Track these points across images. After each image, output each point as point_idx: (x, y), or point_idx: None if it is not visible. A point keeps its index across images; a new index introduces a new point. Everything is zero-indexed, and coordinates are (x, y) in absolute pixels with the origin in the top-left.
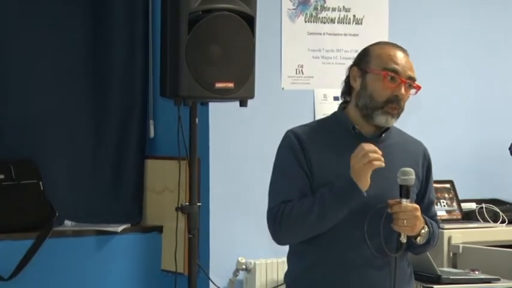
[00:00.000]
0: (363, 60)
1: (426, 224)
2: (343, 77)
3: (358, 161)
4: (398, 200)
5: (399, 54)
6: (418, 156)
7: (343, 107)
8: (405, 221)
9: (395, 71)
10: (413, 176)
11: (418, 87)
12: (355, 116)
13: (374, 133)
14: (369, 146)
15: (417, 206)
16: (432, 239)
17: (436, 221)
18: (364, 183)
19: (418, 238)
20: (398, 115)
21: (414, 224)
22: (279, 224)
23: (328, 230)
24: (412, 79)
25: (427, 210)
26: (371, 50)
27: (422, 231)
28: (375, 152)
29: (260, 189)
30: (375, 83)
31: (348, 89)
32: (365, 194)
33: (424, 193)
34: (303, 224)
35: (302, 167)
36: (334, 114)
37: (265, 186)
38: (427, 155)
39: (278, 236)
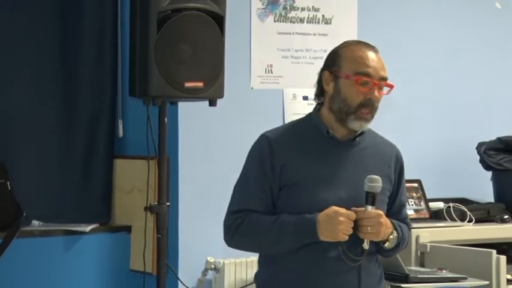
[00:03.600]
0: (334, 64)
1: (395, 229)
2: (313, 77)
3: (332, 225)
4: (363, 207)
5: (370, 55)
6: (391, 159)
7: (317, 109)
8: (369, 227)
9: (367, 75)
10: (380, 184)
11: (391, 86)
12: (329, 118)
13: (348, 136)
14: (350, 216)
15: (381, 212)
16: (402, 242)
17: (407, 223)
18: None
19: (387, 243)
20: (372, 117)
21: (378, 230)
22: (234, 232)
23: None
24: (384, 79)
25: (398, 213)
26: (341, 53)
27: (391, 236)
28: (349, 222)
29: (229, 189)
30: (348, 88)
31: (321, 92)
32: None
33: (395, 196)
34: (256, 243)
35: (267, 178)
36: (309, 116)
37: None
38: (400, 157)
39: (229, 242)
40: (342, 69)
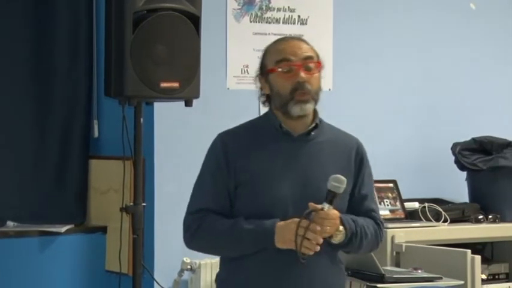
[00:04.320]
0: (262, 66)
1: (343, 223)
2: None
3: (291, 234)
4: (321, 206)
5: (289, 43)
6: (351, 151)
7: (272, 108)
8: (328, 227)
9: (286, 60)
10: (345, 186)
11: (318, 64)
12: (280, 117)
13: (302, 131)
14: (314, 227)
15: (338, 213)
16: (356, 237)
17: (372, 216)
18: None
19: (333, 238)
20: (314, 100)
21: (332, 231)
22: (192, 235)
23: None
24: (310, 58)
25: (360, 205)
26: (264, 53)
27: (337, 232)
28: (315, 236)
29: None
30: (276, 80)
31: (265, 97)
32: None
33: (355, 188)
34: (215, 247)
35: (223, 177)
36: (265, 114)
37: None
38: (361, 149)
39: (189, 245)
40: (267, 67)
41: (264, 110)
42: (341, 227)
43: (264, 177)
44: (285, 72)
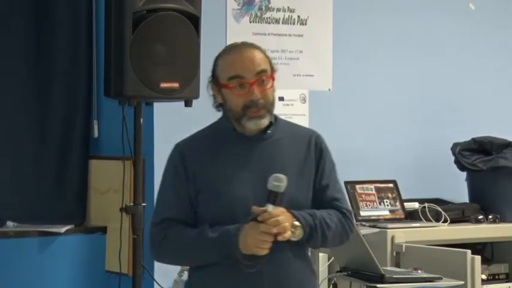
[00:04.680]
0: (214, 75)
1: (298, 219)
2: (288, 78)
3: (254, 239)
4: (264, 208)
5: (241, 55)
6: (309, 143)
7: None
8: (275, 227)
9: (239, 77)
10: (285, 183)
11: (272, 78)
12: (234, 121)
13: (257, 131)
14: (269, 230)
15: (283, 210)
16: (317, 230)
17: (336, 206)
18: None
19: (291, 236)
20: (269, 112)
21: (284, 229)
22: (158, 248)
23: None
24: (263, 72)
25: (322, 195)
26: (217, 64)
27: (293, 229)
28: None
29: None
30: (229, 96)
31: (218, 104)
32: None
33: (315, 178)
34: (182, 259)
35: (183, 186)
36: (221, 118)
37: None
38: (319, 140)
39: (156, 257)
40: (219, 79)
41: None
42: (296, 223)
43: (223, 180)
44: (237, 88)
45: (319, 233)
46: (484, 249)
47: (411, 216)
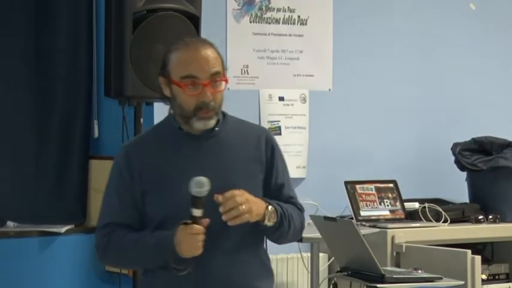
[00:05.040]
0: (165, 70)
1: (270, 204)
2: (289, 77)
3: (187, 242)
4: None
5: (196, 55)
6: (260, 141)
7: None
8: (235, 210)
9: (193, 77)
10: (207, 188)
11: (226, 81)
12: (180, 120)
13: (205, 129)
14: (194, 230)
15: (239, 191)
16: (285, 219)
17: (294, 203)
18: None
19: (266, 221)
20: (216, 114)
21: (248, 209)
22: (103, 251)
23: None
24: (217, 74)
25: (279, 194)
26: (169, 58)
27: (267, 211)
28: (200, 236)
29: None
30: (180, 94)
31: (165, 96)
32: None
33: (270, 177)
34: (125, 263)
35: (127, 189)
36: (167, 117)
37: None
38: (270, 138)
39: (101, 260)
40: (171, 75)
41: (264, 110)
42: (270, 207)
43: (169, 180)
44: (190, 89)
45: (287, 222)
46: (484, 249)
47: (411, 216)
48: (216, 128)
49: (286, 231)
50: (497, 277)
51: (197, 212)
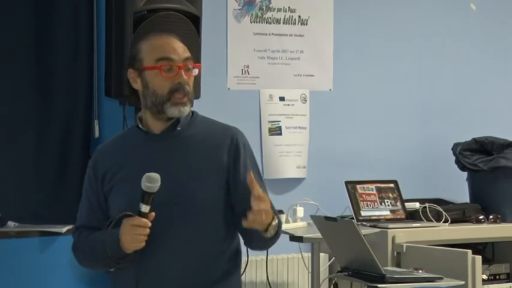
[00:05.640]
0: (136, 60)
1: (276, 215)
2: (289, 77)
3: (130, 234)
4: (145, 205)
5: (169, 40)
6: (224, 142)
7: (139, 111)
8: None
9: (169, 59)
10: (159, 184)
11: (198, 67)
12: (147, 116)
13: (166, 128)
14: (139, 222)
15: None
16: (279, 230)
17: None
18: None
19: (267, 232)
20: (190, 101)
21: (266, 218)
22: (74, 253)
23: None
24: (189, 59)
25: (247, 197)
26: (140, 47)
27: (273, 223)
28: (144, 229)
29: None
30: (154, 78)
31: (132, 92)
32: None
33: (235, 179)
34: (93, 265)
35: (94, 191)
36: (134, 122)
37: None
38: (236, 139)
39: (76, 261)
40: (144, 62)
41: (265, 110)
42: (275, 222)
43: (129, 181)
44: (166, 71)
45: (279, 232)
46: (485, 250)
47: (412, 216)
48: (178, 128)
49: (271, 243)
50: (497, 277)
51: (145, 208)
